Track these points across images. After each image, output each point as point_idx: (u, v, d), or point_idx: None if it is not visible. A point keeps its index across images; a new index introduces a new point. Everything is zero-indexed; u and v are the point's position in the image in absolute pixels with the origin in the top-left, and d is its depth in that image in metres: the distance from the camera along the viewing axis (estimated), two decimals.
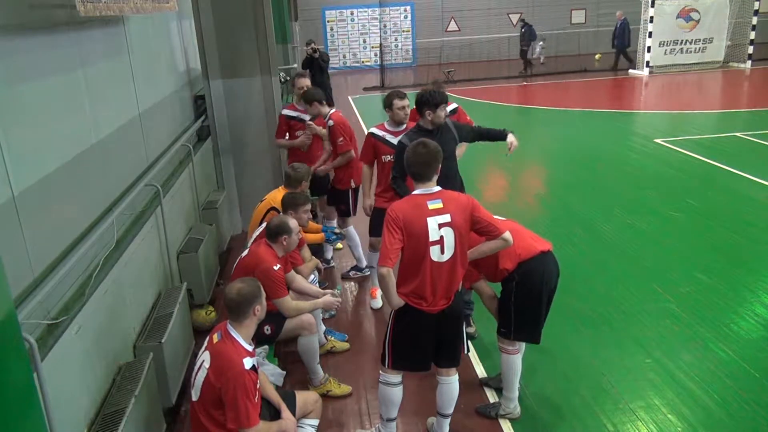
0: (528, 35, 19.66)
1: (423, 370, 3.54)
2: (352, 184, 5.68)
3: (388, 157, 4.98)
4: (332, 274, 6.07)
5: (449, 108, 5.31)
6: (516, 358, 3.83)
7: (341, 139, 5.53)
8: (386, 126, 5.05)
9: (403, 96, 4.98)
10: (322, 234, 5.05)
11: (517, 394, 3.94)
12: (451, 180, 4.36)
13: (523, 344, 3.95)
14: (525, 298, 3.66)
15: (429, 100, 4.40)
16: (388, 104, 4.98)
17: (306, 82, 6.28)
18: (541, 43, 21.42)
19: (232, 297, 2.97)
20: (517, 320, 3.70)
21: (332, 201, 5.88)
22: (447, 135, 4.49)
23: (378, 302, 5.46)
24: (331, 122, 5.57)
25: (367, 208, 5.17)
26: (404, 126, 4.98)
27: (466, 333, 4.60)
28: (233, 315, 2.98)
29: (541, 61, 21.04)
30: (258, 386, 2.95)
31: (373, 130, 5.12)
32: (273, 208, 4.65)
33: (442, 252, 3.21)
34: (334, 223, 6.00)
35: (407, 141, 4.14)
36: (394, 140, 4.93)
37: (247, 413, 2.83)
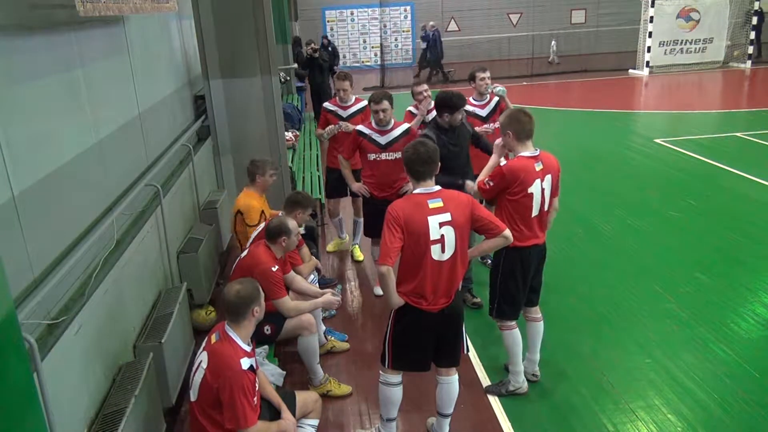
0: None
1: (423, 370, 3.53)
2: None
3: (374, 156, 5.05)
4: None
5: (494, 100, 5.71)
6: (515, 332, 4.00)
7: None
8: (373, 125, 5.11)
9: (379, 100, 5.05)
10: (316, 261, 4.87)
11: (522, 368, 4.07)
12: (466, 168, 4.82)
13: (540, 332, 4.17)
14: (507, 279, 3.89)
15: (449, 104, 4.63)
16: (369, 107, 5.20)
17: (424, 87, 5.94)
18: (553, 42, 21.40)
19: (230, 299, 2.96)
20: (498, 299, 3.96)
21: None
22: (463, 130, 4.84)
23: (380, 290, 5.53)
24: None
25: (361, 188, 5.24)
26: (390, 126, 5.07)
27: (474, 303, 4.97)
28: (232, 316, 2.98)
29: (556, 61, 20.97)
30: (256, 386, 2.95)
31: (360, 127, 5.23)
32: (238, 212, 4.67)
33: (443, 251, 3.21)
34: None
35: (431, 134, 4.57)
36: (380, 139, 5.08)
37: (244, 413, 2.83)
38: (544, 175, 3.76)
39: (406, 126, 5.16)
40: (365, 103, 6.17)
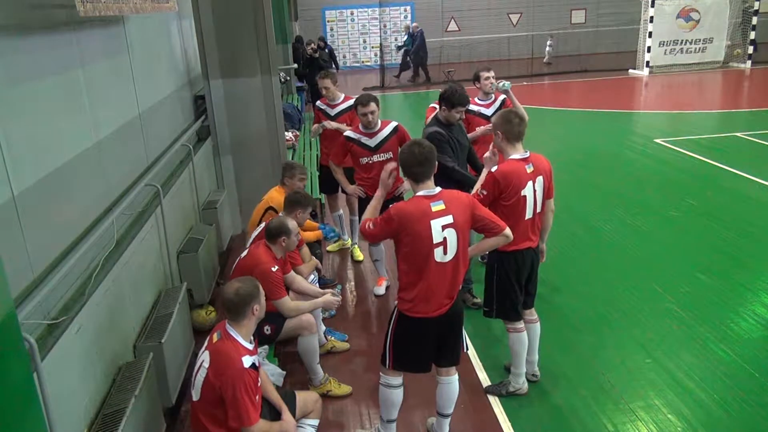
0: None
1: (423, 371, 3.53)
2: None
3: (366, 159, 5.06)
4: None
5: (499, 100, 5.75)
6: (523, 335, 4.00)
7: None
8: (361, 129, 5.13)
9: (366, 102, 5.03)
10: (320, 231, 5.06)
11: (524, 370, 4.07)
12: (465, 167, 4.89)
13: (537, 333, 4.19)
14: (504, 281, 3.89)
15: (449, 99, 4.67)
16: (355, 110, 5.15)
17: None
18: (549, 42, 21.42)
19: (230, 297, 2.96)
20: (498, 301, 3.95)
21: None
22: (460, 128, 4.92)
23: (381, 290, 5.62)
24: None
25: (355, 190, 5.28)
26: (377, 127, 5.07)
27: (474, 303, 5.07)
28: (232, 315, 2.98)
29: (545, 60, 21.03)
30: (259, 384, 2.95)
31: (348, 133, 5.20)
32: (271, 208, 4.67)
33: (445, 252, 3.21)
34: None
35: (440, 128, 4.69)
36: (370, 141, 5.10)
37: (247, 411, 2.83)
38: (536, 176, 3.76)
39: (393, 124, 5.16)
40: (353, 101, 6.16)
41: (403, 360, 3.46)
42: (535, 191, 3.76)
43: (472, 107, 5.64)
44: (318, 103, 6.34)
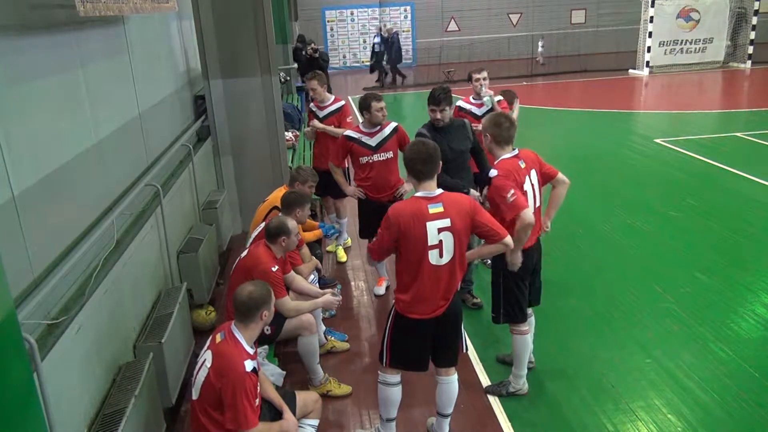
0: None
1: (421, 370, 3.52)
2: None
3: (366, 159, 5.08)
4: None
5: (494, 100, 5.70)
6: (527, 338, 4.01)
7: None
8: (361, 128, 5.13)
9: (380, 98, 5.11)
10: (320, 230, 5.07)
11: (525, 371, 4.07)
12: (462, 172, 4.76)
13: (532, 324, 4.18)
14: (510, 282, 3.88)
15: (428, 98, 4.71)
16: (365, 106, 5.10)
17: None
18: (540, 42, 21.46)
19: (242, 299, 2.96)
20: (505, 304, 3.94)
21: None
22: (459, 132, 4.78)
23: (381, 290, 5.65)
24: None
25: (356, 192, 5.29)
26: (379, 127, 5.09)
27: (474, 303, 5.08)
28: (240, 316, 2.98)
29: (541, 62, 21.08)
30: (258, 389, 2.95)
31: (349, 133, 5.20)
32: (275, 208, 4.66)
33: (441, 255, 3.21)
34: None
35: (426, 132, 4.65)
36: (370, 141, 5.10)
37: (245, 415, 2.83)
38: (529, 170, 3.79)
39: (393, 125, 5.17)
40: (342, 103, 6.18)
41: (400, 358, 3.46)
42: (533, 185, 3.79)
43: (464, 105, 5.73)
44: (311, 104, 6.33)
